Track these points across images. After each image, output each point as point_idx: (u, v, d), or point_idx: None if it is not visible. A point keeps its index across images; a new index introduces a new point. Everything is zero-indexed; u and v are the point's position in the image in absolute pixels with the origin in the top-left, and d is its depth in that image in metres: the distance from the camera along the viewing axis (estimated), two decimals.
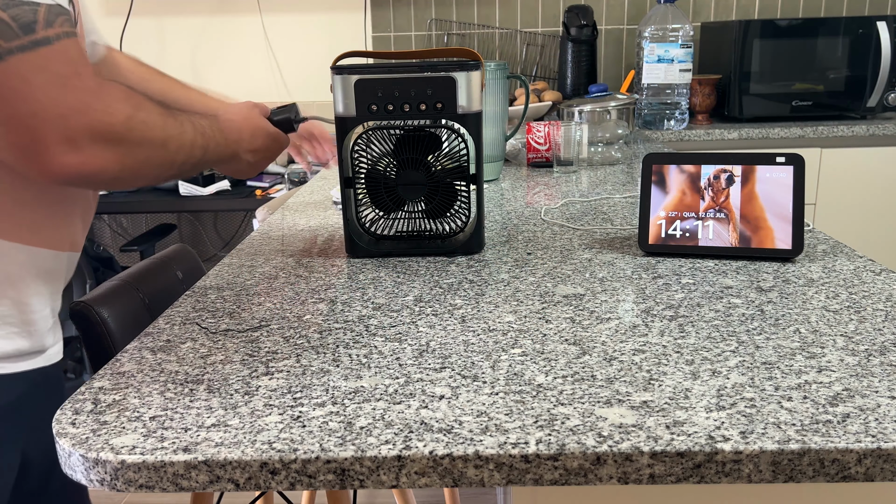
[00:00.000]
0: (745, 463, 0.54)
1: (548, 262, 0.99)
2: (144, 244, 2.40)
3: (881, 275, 0.90)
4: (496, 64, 1.54)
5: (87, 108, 0.70)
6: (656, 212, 1.00)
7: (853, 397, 0.60)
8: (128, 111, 0.74)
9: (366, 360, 0.70)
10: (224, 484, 0.55)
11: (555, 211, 1.29)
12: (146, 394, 0.65)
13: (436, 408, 0.61)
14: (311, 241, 1.16)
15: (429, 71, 0.97)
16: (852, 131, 2.33)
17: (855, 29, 2.39)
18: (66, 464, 0.58)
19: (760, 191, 0.96)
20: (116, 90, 0.75)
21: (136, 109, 0.76)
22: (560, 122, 1.67)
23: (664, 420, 0.57)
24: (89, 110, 0.70)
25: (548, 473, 0.54)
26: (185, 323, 0.83)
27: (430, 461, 0.54)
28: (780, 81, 2.45)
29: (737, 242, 0.97)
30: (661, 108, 2.47)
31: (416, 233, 1.07)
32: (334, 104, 0.99)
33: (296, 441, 0.56)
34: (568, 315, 0.80)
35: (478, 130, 1.00)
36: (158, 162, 0.80)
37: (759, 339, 0.72)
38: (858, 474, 0.54)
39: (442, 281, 0.93)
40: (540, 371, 0.67)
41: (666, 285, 0.88)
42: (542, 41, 2.85)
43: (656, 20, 2.42)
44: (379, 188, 1.03)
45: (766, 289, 0.86)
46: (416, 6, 2.82)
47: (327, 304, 0.87)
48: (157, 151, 0.79)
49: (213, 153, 0.91)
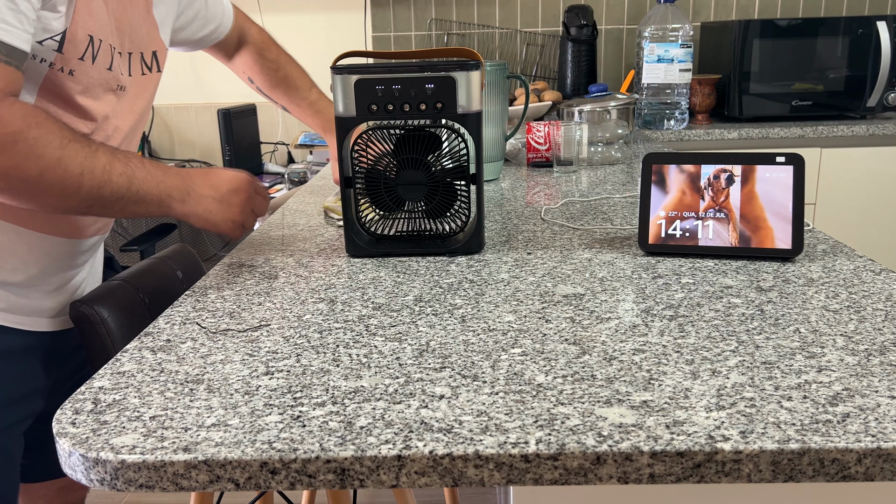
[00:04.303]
0: (745, 463, 0.54)
1: (548, 262, 0.99)
2: (144, 244, 2.40)
3: (881, 275, 0.90)
4: (496, 64, 1.54)
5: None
6: (656, 212, 1.00)
7: (853, 397, 0.60)
8: (19, 125, 0.78)
9: (366, 360, 0.70)
10: (224, 484, 0.55)
11: (555, 211, 1.30)
12: (146, 394, 0.65)
13: (436, 407, 0.61)
14: (311, 241, 1.16)
15: (429, 71, 0.97)
16: (852, 131, 2.33)
17: (855, 29, 2.39)
18: (67, 463, 0.58)
19: (760, 190, 0.96)
20: (16, 107, 0.79)
21: (29, 127, 0.79)
22: (560, 122, 1.67)
23: (664, 420, 0.57)
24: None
25: (548, 473, 0.54)
26: (185, 323, 0.83)
27: (430, 461, 0.54)
28: (780, 81, 2.45)
29: (737, 242, 0.97)
30: (661, 108, 2.47)
31: (416, 233, 1.07)
32: (334, 104, 0.99)
33: (296, 441, 0.56)
34: (568, 315, 0.80)
35: (478, 130, 1.00)
36: (55, 181, 0.82)
37: (759, 338, 0.72)
38: (858, 474, 0.54)
39: (442, 281, 0.93)
40: (540, 371, 0.67)
41: (666, 285, 0.88)
42: (542, 41, 2.85)
43: (656, 20, 2.42)
44: (379, 188, 1.03)
45: (766, 288, 0.86)
46: (416, 6, 2.82)
47: (327, 304, 0.87)
48: (52, 170, 0.81)
49: (147, 185, 0.91)
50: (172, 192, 0.94)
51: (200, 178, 0.98)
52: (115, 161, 0.87)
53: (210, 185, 0.98)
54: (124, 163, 0.88)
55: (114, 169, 0.87)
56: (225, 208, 1.00)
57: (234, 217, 1.01)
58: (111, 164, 0.86)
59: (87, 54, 0.91)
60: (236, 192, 1.00)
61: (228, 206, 1.00)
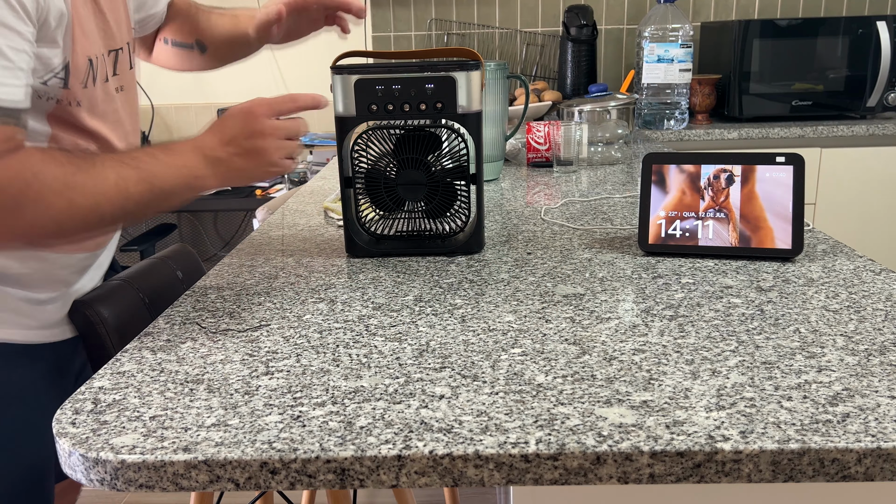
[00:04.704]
0: (745, 462, 0.54)
1: (548, 262, 0.99)
2: (144, 244, 2.40)
3: (881, 275, 0.90)
4: (496, 64, 1.54)
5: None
6: (656, 211, 1.00)
7: (853, 397, 0.60)
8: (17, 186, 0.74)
9: (366, 360, 0.70)
10: (224, 484, 0.55)
11: (555, 211, 1.29)
12: (146, 394, 0.65)
13: (436, 407, 0.61)
14: (311, 241, 1.16)
15: (429, 71, 0.97)
16: (852, 131, 2.33)
17: (855, 29, 2.39)
18: (66, 463, 0.58)
19: (760, 190, 0.96)
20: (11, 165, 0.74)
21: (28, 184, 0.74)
22: (560, 122, 1.67)
23: (664, 420, 0.57)
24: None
25: (548, 473, 0.54)
26: (185, 323, 0.83)
27: (430, 461, 0.54)
28: (780, 81, 2.45)
29: (736, 242, 0.97)
30: (661, 108, 2.47)
31: (416, 233, 1.07)
32: (334, 104, 0.99)
33: (296, 441, 0.56)
34: (568, 315, 0.80)
35: (478, 130, 1.00)
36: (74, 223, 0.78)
37: (758, 338, 0.72)
38: (858, 474, 0.54)
39: (442, 281, 0.93)
40: (540, 371, 0.67)
41: (666, 285, 0.88)
42: (542, 41, 2.85)
43: (656, 20, 2.42)
44: (379, 188, 1.03)
45: (766, 288, 0.86)
46: (416, 6, 2.82)
47: (327, 304, 0.87)
48: (66, 215, 0.77)
49: (168, 177, 0.84)
50: (196, 171, 0.86)
51: (214, 140, 0.88)
52: (125, 169, 0.81)
53: (225, 141, 0.89)
54: (135, 167, 0.82)
55: (128, 179, 0.81)
56: (255, 158, 0.89)
57: (271, 160, 0.90)
58: (123, 177, 0.80)
59: (88, 78, 0.89)
60: (254, 136, 0.89)
61: (258, 154, 0.89)
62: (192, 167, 0.86)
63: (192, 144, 0.88)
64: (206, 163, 0.87)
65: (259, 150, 0.89)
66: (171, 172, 0.84)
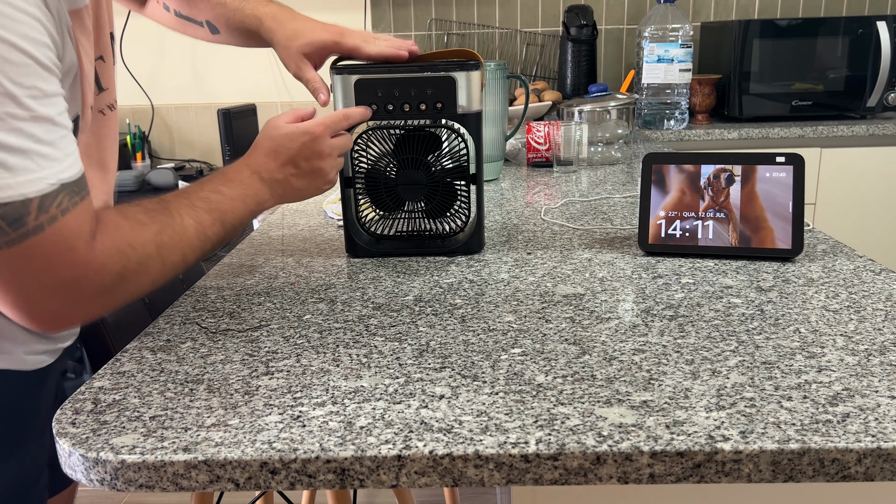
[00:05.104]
0: (745, 463, 0.54)
1: (548, 262, 0.99)
2: None
3: (881, 275, 0.90)
4: (496, 64, 1.54)
5: (77, 280, 0.69)
6: (656, 211, 1.00)
7: (853, 397, 0.60)
8: (120, 262, 0.72)
9: (366, 360, 0.70)
10: (224, 484, 0.55)
11: (555, 211, 1.30)
12: (146, 394, 0.65)
13: (436, 407, 0.61)
14: (311, 241, 1.16)
15: (429, 71, 0.97)
16: (852, 131, 2.33)
17: (855, 29, 2.39)
18: (67, 463, 0.58)
19: (760, 190, 0.96)
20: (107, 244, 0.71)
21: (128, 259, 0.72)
22: (560, 122, 1.67)
23: (664, 420, 0.57)
24: (81, 281, 0.69)
25: (548, 473, 0.54)
26: (185, 323, 0.83)
27: (430, 461, 0.54)
28: (780, 81, 2.45)
29: (737, 242, 0.97)
30: (661, 108, 2.47)
31: (416, 233, 1.07)
32: (334, 104, 0.99)
33: (296, 441, 0.56)
34: (568, 315, 0.80)
35: (478, 130, 1.00)
36: (167, 277, 0.78)
37: (758, 338, 0.72)
38: (858, 474, 0.54)
39: (442, 281, 0.93)
40: (540, 371, 0.67)
41: (666, 285, 0.88)
42: (542, 41, 2.85)
43: (656, 20, 2.42)
44: (379, 188, 1.03)
45: (766, 288, 0.86)
46: (416, 6, 2.82)
47: (327, 304, 0.87)
48: (160, 274, 0.76)
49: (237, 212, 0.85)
50: (258, 197, 0.87)
51: (272, 163, 0.89)
52: (199, 213, 0.81)
53: (285, 163, 0.89)
54: (206, 209, 0.82)
55: (204, 224, 0.81)
56: (315, 178, 0.91)
57: (328, 178, 0.92)
58: (200, 222, 0.80)
59: (91, 118, 0.86)
60: (314, 157, 0.90)
61: (317, 174, 0.91)
62: (254, 195, 0.87)
63: (250, 170, 0.88)
64: (267, 187, 0.88)
65: (318, 170, 0.91)
66: (238, 206, 0.85)
